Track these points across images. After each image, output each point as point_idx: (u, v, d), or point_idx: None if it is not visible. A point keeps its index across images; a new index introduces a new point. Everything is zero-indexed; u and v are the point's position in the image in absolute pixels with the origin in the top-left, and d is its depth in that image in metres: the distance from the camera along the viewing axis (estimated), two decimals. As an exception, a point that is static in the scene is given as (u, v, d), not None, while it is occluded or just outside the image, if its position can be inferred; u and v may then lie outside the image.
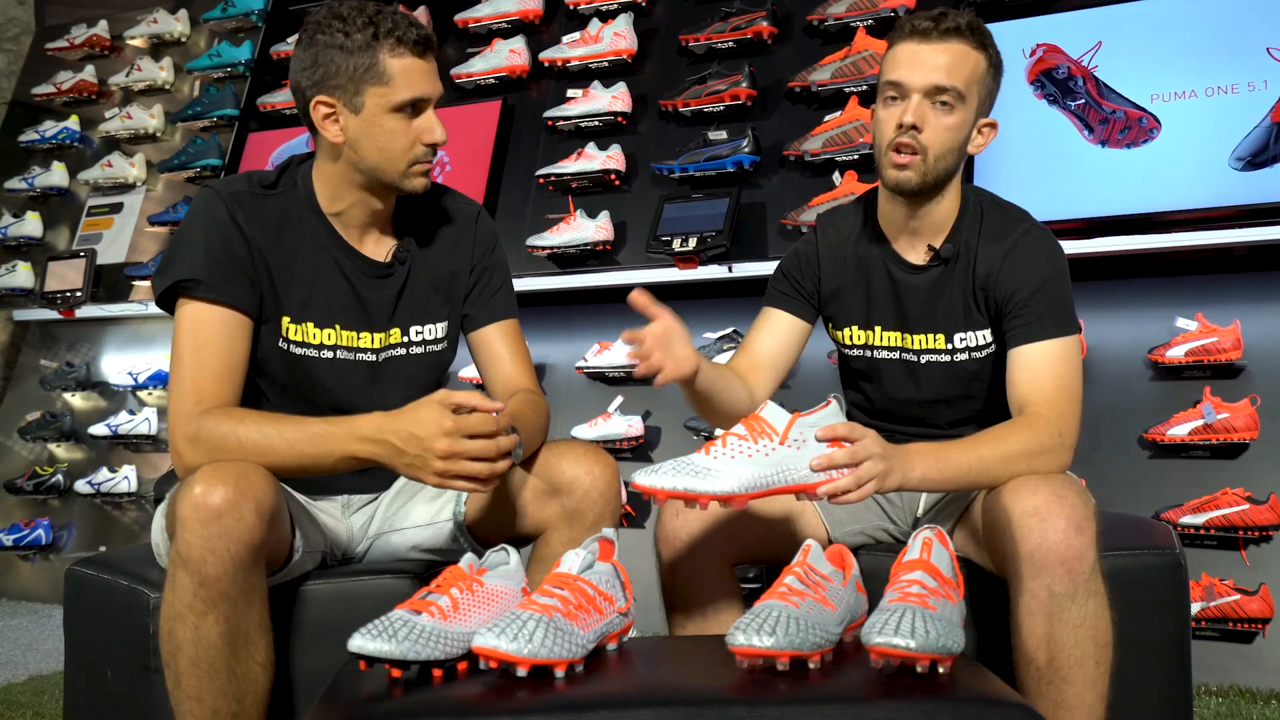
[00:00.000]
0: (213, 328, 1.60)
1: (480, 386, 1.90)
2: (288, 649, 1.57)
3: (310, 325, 1.68)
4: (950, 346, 1.77)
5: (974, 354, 1.76)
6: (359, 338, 1.71)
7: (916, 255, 1.78)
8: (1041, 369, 1.65)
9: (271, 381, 1.70)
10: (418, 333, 1.76)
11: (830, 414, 1.50)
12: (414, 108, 1.64)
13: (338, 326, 1.70)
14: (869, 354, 1.83)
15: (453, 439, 1.48)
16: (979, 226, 1.76)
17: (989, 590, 1.60)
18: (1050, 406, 1.62)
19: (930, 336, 1.78)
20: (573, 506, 1.62)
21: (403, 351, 1.75)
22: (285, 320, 1.67)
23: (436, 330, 1.78)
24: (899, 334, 1.80)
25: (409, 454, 1.50)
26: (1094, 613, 1.45)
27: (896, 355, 1.81)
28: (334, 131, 1.64)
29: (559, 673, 1.24)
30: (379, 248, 1.74)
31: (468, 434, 1.49)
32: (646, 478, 1.40)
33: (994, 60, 1.73)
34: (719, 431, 1.49)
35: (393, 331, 1.74)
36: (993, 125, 1.77)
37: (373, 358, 1.73)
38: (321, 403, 1.70)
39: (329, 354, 1.70)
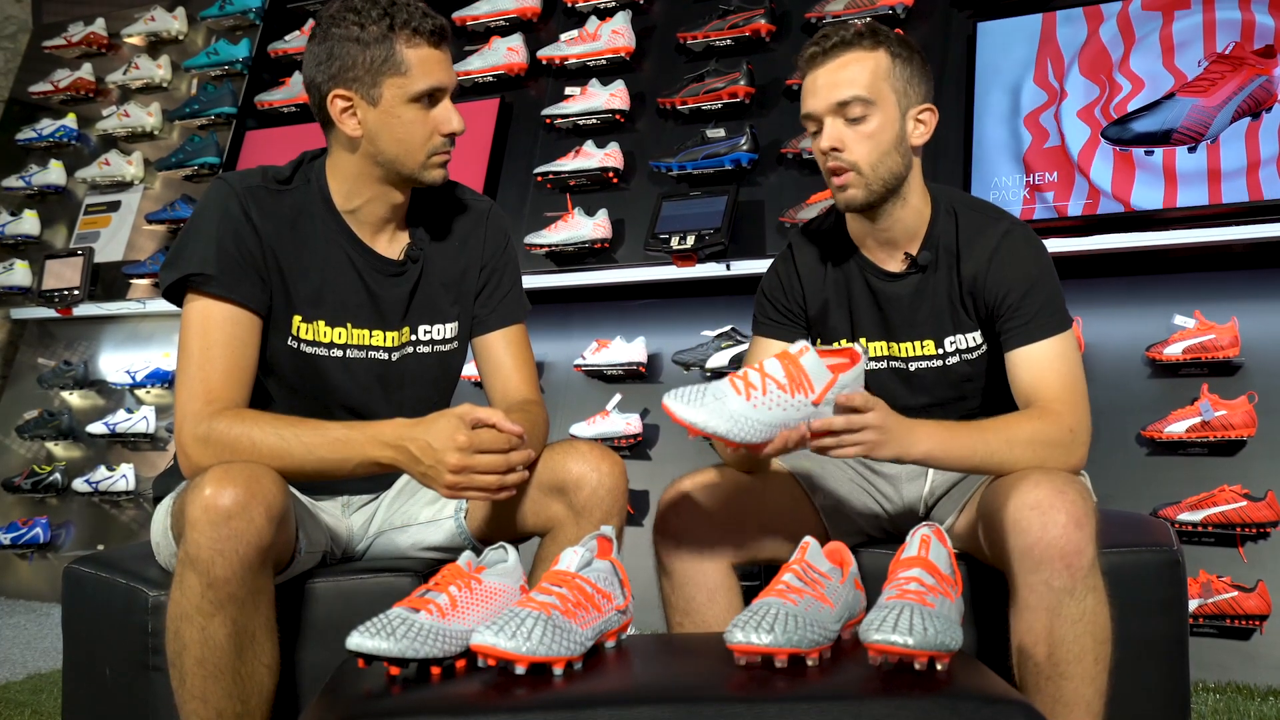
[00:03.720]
0: (222, 326, 1.59)
1: (478, 386, 1.90)
2: (290, 647, 1.57)
3: (321, 323, 1.68)
4: (941, 351, 1.76)
5: (965, 356, 1.76)
6: (371, 335, 1.71)
7: (894, 264, 1.77)
8: (1044, 368, 1.65)
9: (279, 381, 1.69)
10: (426, 332, 1.76)
11: (856, 376, 1.52)
12: (431, 98, 1.64)
13: (349, 325, 1.69)
14: None
15: (465, 454, 1.50)
16: (955, 228, 1.75)
17: (988, 586, 1.60)
18: (1060, 402, 1.62)
19: (918, 344, 1.77)
20: (580, 504, 1.62)
21: (411, 350, 1.75)
22: (296, 319, 1.67)
23: (445, 330, 1.77)
24: (885, 343, 1.79)
25: (424, 463, 1.52)
26: (1092, 609, 1.45)
27: (885, 365, 1.80)
28: (352, 125, 1.64)
29: (557, 670, 1.24)
30: (392, 245, 1.74)
31: (481, 449, 1.51)
32: (686, 409, 1.40)
33: (896, 51, 1.70)
34: (762, 367, 1.47)
35: (404, 330, 1.74)
36: (931, 110, 1.74)
37: (385, 356, 1.72)
38: (331, 403, 1.70)
39: (339, 353, 1.69)
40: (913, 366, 1.78)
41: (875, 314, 1.79)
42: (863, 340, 1.80)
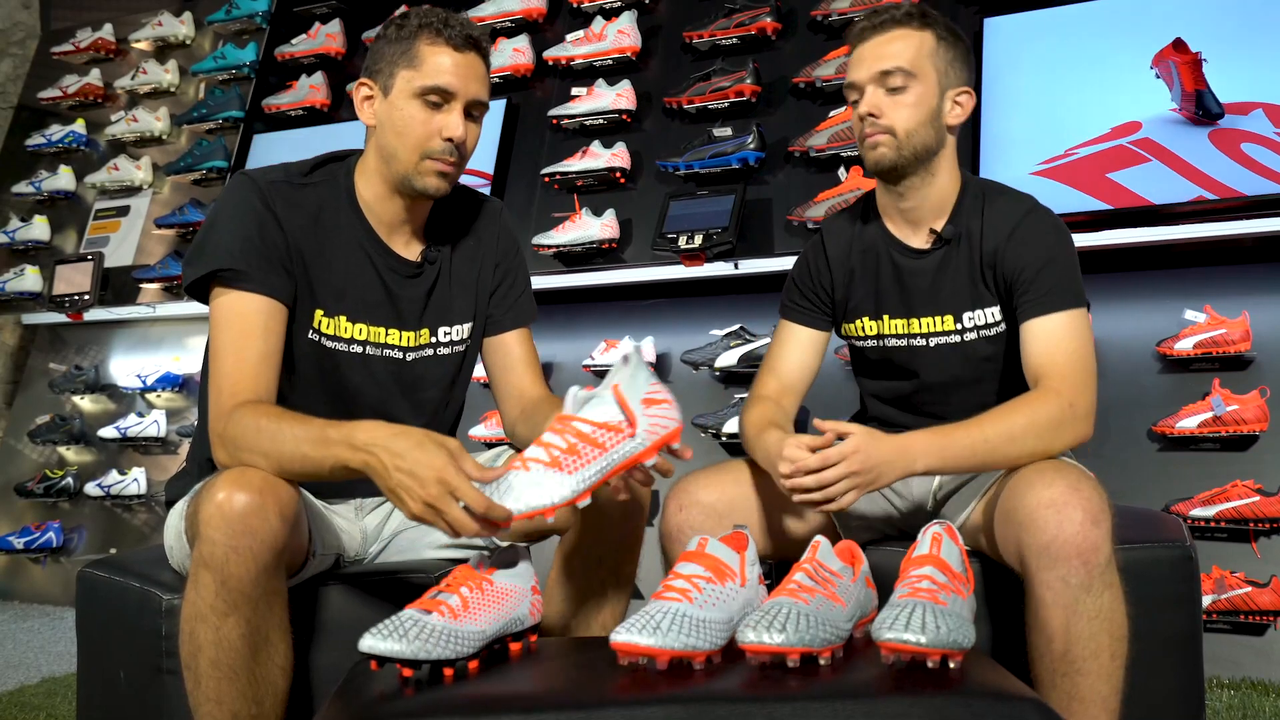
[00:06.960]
0: (251, 318, 1.58)
1: (486, 387, 1.91)
2: (303, 649, 1.57)
3: (343, 319, 1.69)
4: (960, 327, 1.78)
5: (983, 333, 1.78)
6: (387, 334, 1.72)
7: (919, 240, 1.80)
8: (1053, 341, 1.67)
9: (298, 378, 1.68)
10: (445, 334, 1.77)
11: (752, 552, 1.42)
12: (439, 99, 1.64)
13: (368, 322, 1.70)
14: (881, 344, 1.84)
15: (444, 493, 1.34)
16: (981, 208, 1.78)
17: (1003, 584, 1.59)
18: (1062, 379, 1.64)
19: (938, 319, 1.79)
20: (603, 499, 1.60)
21: (430, 352, 1.76)
22: (319, 313, 1.67)
23: (463, 331, 1.79)
24: (905, 320, 1.81)
25: (391, 480, 1.38)
26: (1109, 605, 1.45)
27: (905, 342, 1.82)
28: (367, 114, 1.69)
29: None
30: (410, 247, 1.75)
31: (460, 495, 1.34)
32: (647, 638, 1.24)
33: (942, 34, 1.76)
34: (685, 571, 1.34)
35: (422, 332, 1.75)
36: (968, 93, 1.79)
37: (400, 355, 1.73)
38: (349, 400, 1.70)
39: (359, 349, 1.70)
40: (932, 343, 1.80)
41: (897, 289, 1.81)
42: (885, 317, 1.82)
